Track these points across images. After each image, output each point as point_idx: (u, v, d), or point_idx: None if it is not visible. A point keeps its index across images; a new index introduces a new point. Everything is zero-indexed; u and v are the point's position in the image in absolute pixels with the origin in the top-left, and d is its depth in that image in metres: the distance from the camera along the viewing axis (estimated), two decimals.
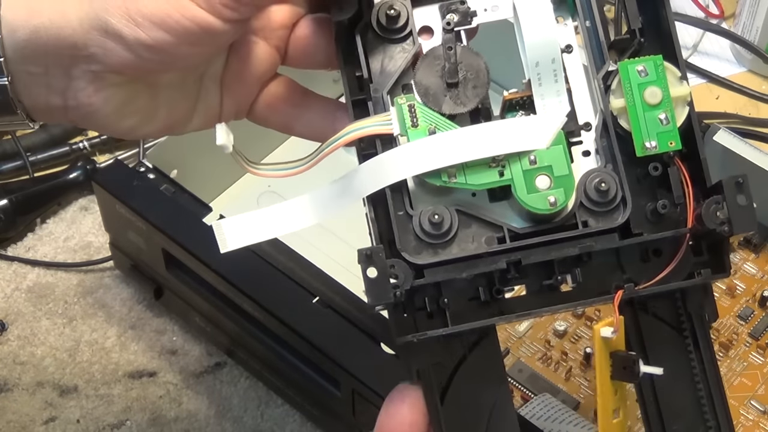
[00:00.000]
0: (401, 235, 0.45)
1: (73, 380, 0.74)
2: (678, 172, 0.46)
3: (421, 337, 0.45)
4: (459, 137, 0.45)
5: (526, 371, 0.69)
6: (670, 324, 0.47)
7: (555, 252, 0.45)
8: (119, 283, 0.79)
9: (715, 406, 0.48)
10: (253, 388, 0.74)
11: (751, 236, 0.74)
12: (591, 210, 0.46)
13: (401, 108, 0.46)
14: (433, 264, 0.45)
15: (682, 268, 0.46)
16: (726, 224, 0.44)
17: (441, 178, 0.45)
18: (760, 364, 0.69)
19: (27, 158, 0.84)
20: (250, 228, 0.48)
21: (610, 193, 0.45)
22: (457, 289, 0.45)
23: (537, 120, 0.46)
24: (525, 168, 0.45)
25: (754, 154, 0.72)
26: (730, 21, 0.94)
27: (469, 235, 0.46)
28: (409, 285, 0.44)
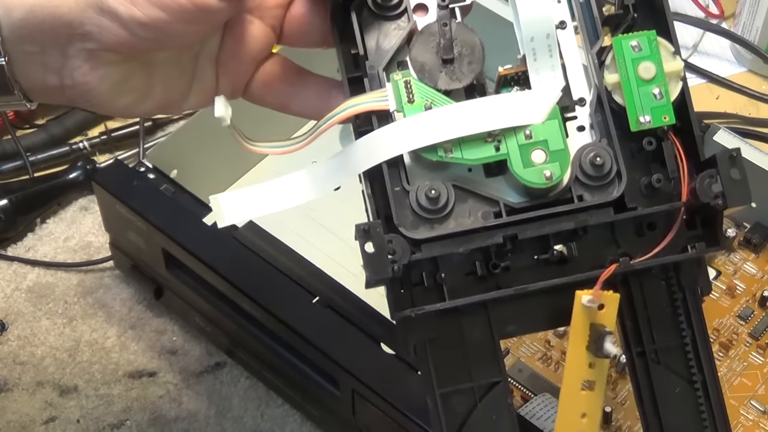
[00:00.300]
0: (398, 210, 0.45)
1: (73, 380, 0.74)
2: (672, 147, 0.46)
3: (419, 311, 0.45)
4: (455, 112, 0.45)
5: (526, 371, 0.69)
6: (663, 301, 0.48)
7: (550, 226, 0.45)
8: (119, 283, 0.79)
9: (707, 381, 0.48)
10: (253, 388, 0.74)
11: (751, 236, 0.74)
12: (586, 184, 0.46)
13: (397, 84, 0.46)
14: (430, 239, 0.45)
15: (676, 242, 0.46)
16: (720, 197, 0.44)
17: (437, 153, 0.45)
18: (760, 364, 0.69)
19: (27, 158, 0.84)
20: (247, 203, 0.49)
21: (605, 168, 0.45)
22: (454, 263, 0.46)
23: (532, 95, 0.46)
24: (521, 143, 0.45)
25: (754, 154, 0.72)
26: (730, 21, 0.94)
27: (466, 210, 0.46)
28: (406, 260, 0.44)
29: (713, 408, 0.48)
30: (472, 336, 0.47)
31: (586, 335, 0.46)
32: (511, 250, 0.46)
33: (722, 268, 0.73)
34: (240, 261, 0.68)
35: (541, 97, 0.46)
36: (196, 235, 0.69)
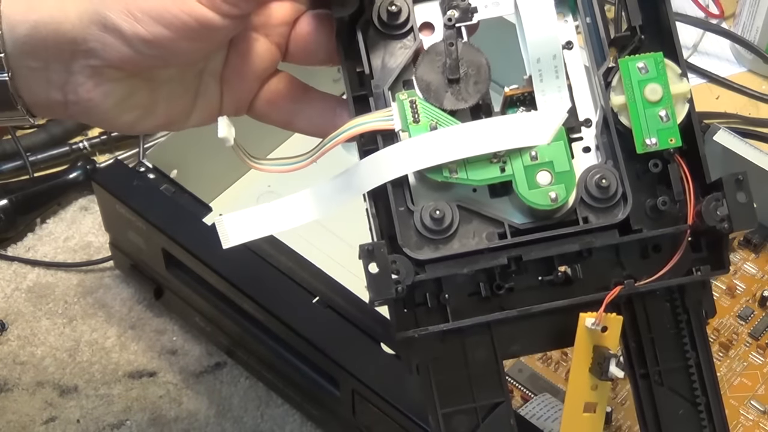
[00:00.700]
0: (402, 230, 0.45)
1: (73, 380, 0.74)
2: (678, 169, 0.46)
3: (422, 332, 0.45)
4: (460, 133, 0.45)
5: (526, 371, 0.69)
6: (667, 322, 0.48)
7: (555, 248, 0.45)
8: (119, 283, 0.79)
9: (710, 404, 0.48)
10: (253, 388, 0.74)
11: (751, 236, 0.74)
12: (591, 206, 0.46)
13: (402, 104, 0.46)
14: (435, 259, 0.45)
15: (681, 265, 0.46)
16: (726, 221, 0.44)
17: (442, 174, 0.45)
18: (760, 364, 0.69)
19: (27, 158, 0.84)
20: (251, 223, 0.49)
21: (610, 190, 0.45)
22: (458, 284, 0.46)
23: (538, 116, 0.46)
24: (526, 164, 0.45)
25: (754, 154, 0.72)
26: (730, 21, 0.94)
27: (470, 231, 0.46)
28: (410, 280, 0.44)
29: (717, 431, 0.48)
30: (475, 357, 0.47)
31: (589, 357, 0.46)
32: (515, 271, 0.46)
33: None
34: (240, 261, 0.68)
35: (548, 118, 0.45)
36: (196, 235, 0.69)
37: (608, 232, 0.46)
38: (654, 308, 0.48)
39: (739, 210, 0.45)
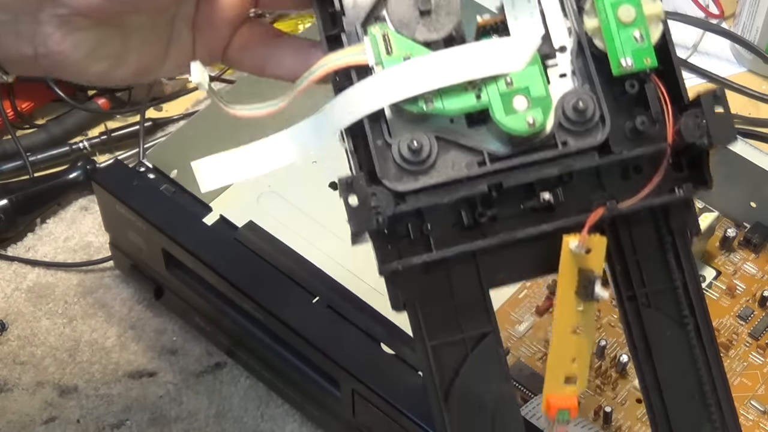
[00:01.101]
0: (381, 163, 0.45)
1: (73, 380, 0.74)
2: (655, 89, 0.46)
3: (406, 264, 0.45)
4: (434, 61, 0.45)
5: (526, 371, 0.69)
6: (652, 244, 0.47)
7: (535, 173, 0.45)
8: (119, 283, 0.79)
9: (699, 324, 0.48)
10: (253, 388, 0.74)
11: (751, 236, 0.74)
12: (570, 130, 0.45)
13: (375, 37, 0.46)
14: (414, 190, 0.45)
15: (663, 185, 0.46)
16: (705, 136, 0.44)
17: (418, 105, 0.45)
18: (760, 364, 0.69)
19: (27, 158, 0.84)
20: (228, 167, 0.48)
21: (588, 113, 0.45)
22: (440, 214, 0.45)
23: (512, 41, 0.46)
24: (502, 90, 0.45)
25: (754, 154, 0.72)
26: (730, 21, 0.94)
27: (449, 161, 0.45)
28: (391, 211, 0.44)
29: (707, 351, 0.48)
30: (461, 287, 0.47)
31: (574, 280, 0.45)
32: (496, 199, 0.45)
33: (722, 268, 0.73)
34: (240, 261, 0.68)
35: (521, 43, 0.45)
36: (196, 235, 0.69)
37: (588, 155, 0.45)
38: (638, 231, 0.47)
39: (718, 124, 0.44)
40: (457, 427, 0.46)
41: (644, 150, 0.45)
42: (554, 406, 0.46)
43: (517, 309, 0.72)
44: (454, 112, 0.45)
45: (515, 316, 0.72)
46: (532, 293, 0.73)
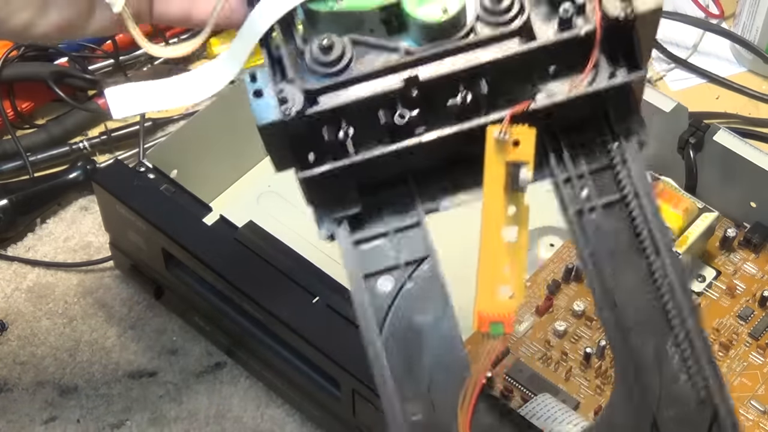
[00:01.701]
0: (293, 66, 0.43)
1: (73, 380, 0.74)
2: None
3: (324, 170, 0.43)
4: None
5: (526, 371, 0.69)
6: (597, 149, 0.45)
7: (450, 63, 0.43)
8: (119, 283, 0.79)
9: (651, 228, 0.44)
10: (253, 388, 0.74)
11: (751, 236, 0.74)
12: (489, 21, 0.44)
13: None
14: (327, 88, 0.43)
15: (597, 77, 0.44)
16: (627, 4, 0.42)
17: (327, 4, 0.44)
18: (760, 364, 0.69)
19: (27, 158, 0.84)
20: (143, 96, 0.47)
21: (502, 0, 0.43)
22: (359, 116, 0.43)
23: None
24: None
25: (754, 154, 0.72)
26: (730, 21, 0.94)
27: (366, 63, 0.43)
28: (300, 105, 0.42)
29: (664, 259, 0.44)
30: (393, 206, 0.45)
31: (501, 176, 0.42)
32: (419, 99, 0.43)
33: (722, 268, 0.73)
34: (240, 261, 0.68)
35: None
36: (196, 235, 0.69)
37: (508, 42, 0.43)
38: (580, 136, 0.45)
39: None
40: (394, 362, 0.43)
41: (569, 33, 0.43)
42: (486, 318, 0.42)
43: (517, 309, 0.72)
44: (364, 7, 0.44)
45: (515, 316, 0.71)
46: (532, 293, 0.73)
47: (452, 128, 0.43)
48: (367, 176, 0.44)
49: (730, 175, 0.73)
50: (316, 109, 0.43)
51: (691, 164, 0.74)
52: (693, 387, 0.43)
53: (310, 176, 0.43)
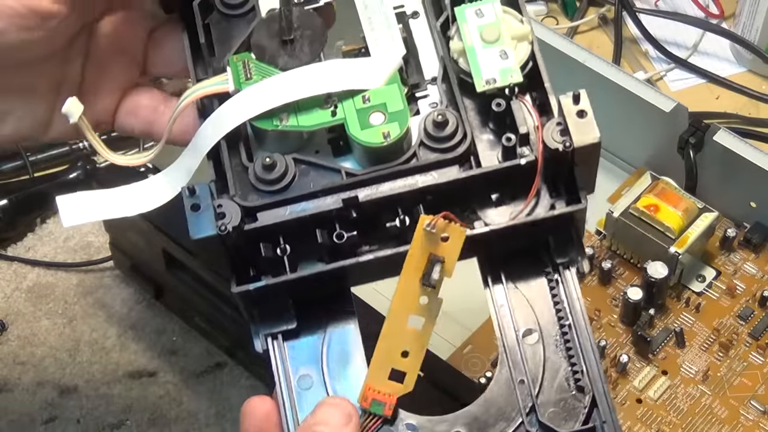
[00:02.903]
0: (237, 184, 0.44)
1: (73, 380, 0.74)
2: (520, 105, 0.45)
3: (258, 286, 0.44)
4: (288, 78, 0.45)
5: None
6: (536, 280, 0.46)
7: (390, 185, 0.44)
8: (119, 283, 0.79)
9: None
10: (253, 388, 0.74)
11: (751, 236, 0.74)
12: (432, 147, 0.44)
13: (236, 65, 0.46)
14: (266, 206, 0.44)
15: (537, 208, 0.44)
16: (567, 138, 0.43)
17: (272, 123, 0.45)
18: (760, 364, 0.69)
19: (27, 158, 0.84)
20: (93, 205, 0.48)
21: (448, 126, 0.44)
22: (298, 236, 0.44)
23: (371, 60, 0.46)
24: (358, 106, 0.44)
25: (754, 154, 0.72)
26: (730, 21, 0.94)
27: (308, 183, 0.44)
28: (237, 221, 0.42)
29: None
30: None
31: (421, 266, 0.43)
32: (357, 219, 0.44)
33: (722, 268, 0.73)
34: None
35: (380, 62, 0.45)
36: None
37: (448, 168, 0.44)
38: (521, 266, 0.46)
39: (577, 123, 0.43)
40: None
41: (508, 163, 0.44)
42: (371, 395, 0.43)
43: None
44: (308, 128, 0.45)
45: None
46: None
47: (390, 250, 0.44)
48: (305, 292, 0.45)
49: (730, 175, 0.73)
50: (253, 226, 0.43)
51: (691, 164, 0.74)
52: (573, 375, 0.44)
53: (245, 291, 0.44)
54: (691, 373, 0.69)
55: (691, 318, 0.71)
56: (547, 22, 0.93)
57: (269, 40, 0.46)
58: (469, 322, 0.72)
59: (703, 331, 0.71)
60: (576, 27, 0.93)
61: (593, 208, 0.74)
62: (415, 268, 0.43)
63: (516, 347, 0.45)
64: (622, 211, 0.71)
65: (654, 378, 0.69)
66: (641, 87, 0.75)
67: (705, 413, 0.67)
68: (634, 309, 0.69)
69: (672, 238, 0.70)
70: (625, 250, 0.73)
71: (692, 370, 0.69)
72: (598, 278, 0.73)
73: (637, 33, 0.92)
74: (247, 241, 0.43)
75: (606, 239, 0.73)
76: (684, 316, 0.71)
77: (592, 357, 0.44)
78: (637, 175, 0.76)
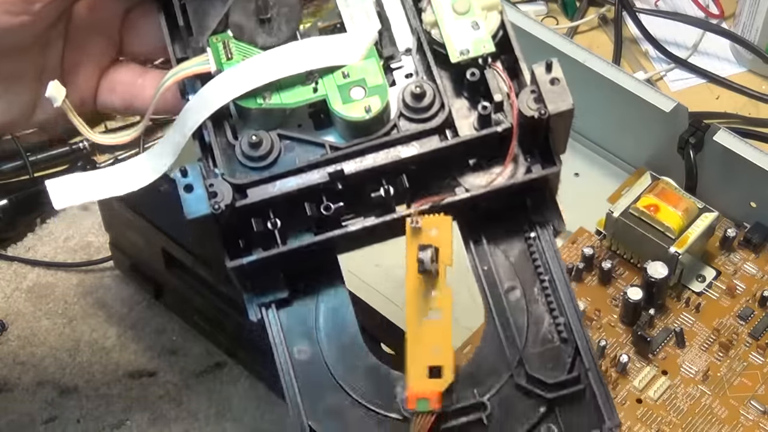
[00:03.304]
0: (224, 161, 0.45)
1: (73, 380, 0.74)
2: (494, 73, 0.46)
3: (252, 260, 0.45)
4: (269, 57, 0.46)
5: None
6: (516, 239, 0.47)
7: (372, 158, 0.45)
8: (119, 283, 0.79)
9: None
10: (253, 388, 0.74)
11: (751, 236, 0.74)
12: (411, 118, 0.46)
13: (216, 46, 0.47)
14: (255, 182, 0.45)
15: (515, 172, 0.46)
16: (541, 106, 0.44)
17: (256, 101, 0.45)
18: (760, 364, 0.69)
19: (27, 158, 0.85)
20: (83, 187, 0.48)
21: (425, 98, 0.45)
22: (287, 209, 0.45)
23: (347, 36, 0.47)
24: (338, 82, 0.45)
25: (754, 154, 0.72)
26: (730, 21, 0.94)
27: (293, 158, 0.45)
28: (229, 200, 0.43)
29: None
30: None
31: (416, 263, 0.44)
32: (343, 191, 0.45)
33: (722, 268, 0.73)
34: None
35: (357, 37, 0.46)
36: None
37: (428, 139, 0.45)
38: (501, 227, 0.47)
39: (551, 91, 0.44)
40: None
41: (487, 130, 0.45)
42: (414, 396, 0.44)
43: None
44: (291, 105, 0.46)
45: None
46: None
47: (376, 219, 0.45)
48: (295, 263, 0.46)
49: (730, 175, 0.73)
50: (244, 203, 0.44)
51: (691, 164, 0.74)
52: (556, 327, 0.46)
53: (239, 265, 0.45)
54: (691, 373, 0.69)
55: (691, 318, 0.71)
56: (547, 22, 0.93)
57: (246, 20, 0.47)
58: (469, 322, 0.72)
59: (703, 331, 0.71)
60: (576, 27, 0.93)
61: (593, 208, 0.75)
62: (412, 265, 0.44)
63: (501, 304, 0.47)
64: (622, 211, 0.71)
65: (654, 378, 0.69)
66: (641, 87, 0.75)
67: (705, 413, 0.67)
68: (634, 309, 0.69)
69: (672, 238, 0.70)
70: (625, 250, 0.73)
71: (692, 370, 0.69)
72: (598, 278, 0.73)
73: (637, 33, 0.92)
74: (238, 218, 0.44)
75: (606, 239, 0.73)
76: (684, 316, 0.71)
77: (573, 309, 0.46)
78: (637, 175, 0.76)
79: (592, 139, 0.82)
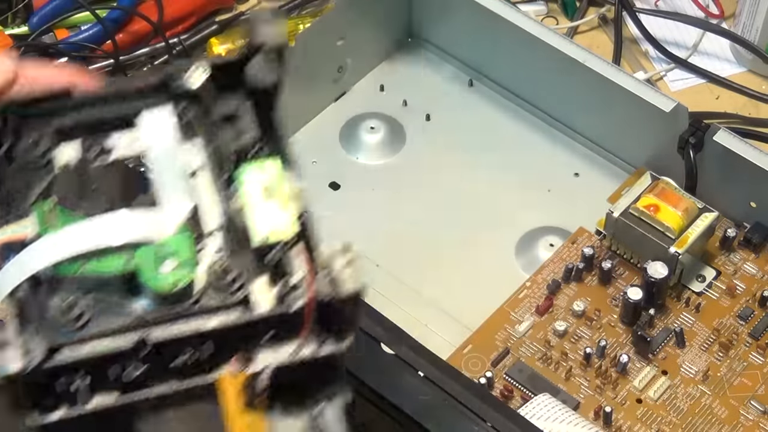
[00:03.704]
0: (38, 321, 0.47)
1: None
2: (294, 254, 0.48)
3: (57, 418, 0.47)
4: (88, 228, 0.49)
5: (526, 371, 0.69)
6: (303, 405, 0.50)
7: (175, 328, 0.47)
8: None
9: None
10: None
11: (751, 236, 0.74)
12: (216, 291, 0.48)
13: (41, 212, 0.49)
14: (66, 344, 0.47)
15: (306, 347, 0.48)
16: (333, 288, 0.47)
17: (73, 268, 0.48)
18: (760, 364, 0.69)
19: None
20: None
21: (228, 276, 0.48)
22: (94, 371, 0.47)
23: (162, 211, 0.50)
24: (151, 254, 0.48)
25: (754, 154, 0.72)
26: (730, 21, 0.94)
27: (106, 321, 0.48)
28: (40, 358, 0.46)
29: None
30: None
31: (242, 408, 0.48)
32: (148, 356, 0.47)
33: (722, 268, 0.73)
34: None
35: (170, 213, 0.49)
36: None
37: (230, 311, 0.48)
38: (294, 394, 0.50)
39: (343, 273, 0.47)
40: None
41: (281, 309, 0.47)
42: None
43: (517, 309, 0.72)
44: (107, 272, 0.48)
45: (515, 316, 0.72)
46: (532, 293, 0.73)
47: (180, 384, 0.48)
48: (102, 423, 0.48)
49: (730, 175, 0.73)
50: (53, 363, 0.46)
51: (691, 164, 0.74)
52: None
53: (43, 423, 0.47)
54: (691, 373, 0.69)
55: (691, 318, 0.71)
56: (547, 22, 0.93)
57: (69, 186, 0.50)
58: (469, 322, 0.72)
59: (703, 331, 0.71)
60: (576, 27, 0.93)
61: (593, 208, 0.75)
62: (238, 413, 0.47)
63: None
64: (622, 211, 0.71)
65: (654, 378, 0.69)
66: (641, 87, 0.75)
67: (705, 413, 0.67)
68: (634, 309, 0.70)
69: (672, 238, 0.70)
70: (625, 250, 0.73)
71: (692, 370, 0.69)
72: (598, 278, 0.73)
73: (637, 33, 0.92)
74: (45, 377, 0.47)
75: (606, 239, 0.73)
76: (684, 316, 0.71)
77: None
78: (637, 175, 0.76)
79: (592, 139, 0.82)
